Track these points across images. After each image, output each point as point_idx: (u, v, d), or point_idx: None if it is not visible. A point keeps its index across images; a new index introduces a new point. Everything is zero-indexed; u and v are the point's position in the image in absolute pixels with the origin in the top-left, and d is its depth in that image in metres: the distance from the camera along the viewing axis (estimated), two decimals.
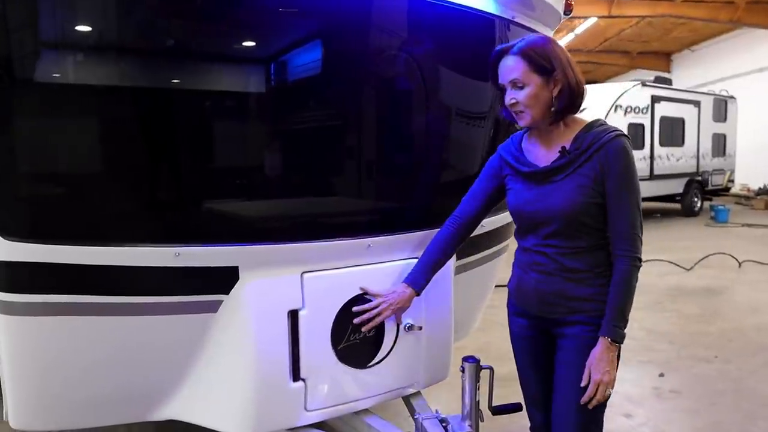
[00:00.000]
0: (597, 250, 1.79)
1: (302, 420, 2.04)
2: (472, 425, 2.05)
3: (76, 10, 1.70)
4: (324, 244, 2.00)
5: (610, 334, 1.73)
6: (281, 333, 1.95)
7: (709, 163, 14.22)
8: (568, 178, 1.76)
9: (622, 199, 1.73)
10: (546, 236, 1.80)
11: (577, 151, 1.75)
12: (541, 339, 1.94)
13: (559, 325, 1.85)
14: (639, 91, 12.21)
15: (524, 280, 1.88)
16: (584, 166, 1.74)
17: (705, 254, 8.18)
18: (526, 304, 1.91)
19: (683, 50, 22.42)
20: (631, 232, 1.73)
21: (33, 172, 1.77)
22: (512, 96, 1.76)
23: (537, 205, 1.79)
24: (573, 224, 1.76)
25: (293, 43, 1.99)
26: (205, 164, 1.89)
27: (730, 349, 4.66)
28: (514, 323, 2.00)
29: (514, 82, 1.75)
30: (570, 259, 1.78)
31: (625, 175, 1.73)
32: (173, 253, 1.80)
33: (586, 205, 1.73)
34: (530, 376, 2.00)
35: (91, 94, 1.75)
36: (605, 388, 1.73)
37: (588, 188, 1.73)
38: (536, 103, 1.74)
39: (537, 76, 1.73)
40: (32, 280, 1.79)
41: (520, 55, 1.73)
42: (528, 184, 1.83)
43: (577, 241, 1.77)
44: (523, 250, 1.89)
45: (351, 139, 2.10)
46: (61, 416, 2.03)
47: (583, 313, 1.79)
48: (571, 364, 1.81)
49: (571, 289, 1.79)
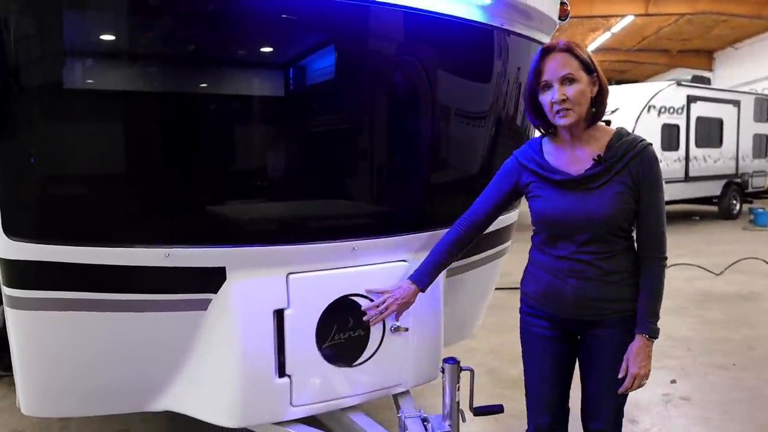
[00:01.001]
0: (628, 252, 1.88)
1: (288, 415, 2.13)
2: (452, 425, 2.10)
3: (73, 19, 1.81)
4: (309, 247, 2.09)
5: (647, 330, 1.84)
6: (267, 331, 2.05)
7: (749, 165, 13.75)
8: (605, 186, 1.81)
9: (654, 205, 1.84)
10: (583, 243, 1.84)
11: (612, 159, 1.80)
12: (564, 341, 1.99)
13: (594, 327, 1.91)
14: (674, 90, 11.90)
15: (558, 286, 1.89)
16: (621, 174, 1.80)
17: (739, 259, 7.95)
18: (558, 309, 1.93)
19: (726, 48, 21.74)
20: (660, 234, 1.85)
21: (39, 180, 1.90)
22: (563, 92, 1.77)
23: (574, 212, 1.82)
24: (611, 230, 1.83)
25: (282, 51, 2.08)
26: (192, 169, 2.00)
27: (750, 357, 4.55)
28: (535, 325, 2.00)
29: (566, 77, 1.77)
30: (608, 263, 1.84)
31: (658, 182, 1.84)
32: (164, 253, 1.92)
33: (625, 210, 1.81)
34: (545, 378, 2.01)
35: (85, 101, 1.87)
36: (641, 380, 1.86)
37: (625, 195, 1.80)
38: (584, 101, 1.79)
39: (584, 74, 1.78)
40: (39, 277, 1.93)
41: (570, 52, 1.78)
42: (560, 192, 1.85)
43: (613, 245, 1.85)
44: (556, 257, 1.89)
45: (336, 144, 2.17)
46: (67, 404, 2.17)
47: (618, 313, 1.88)
48: (611, 362, 1.89)
49: (610, 292, 1.86)
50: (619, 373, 1.87)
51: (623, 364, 1.86)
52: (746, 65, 20.20)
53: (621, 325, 1.88)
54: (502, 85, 2.51)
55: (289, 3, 1.96)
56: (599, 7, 15.93)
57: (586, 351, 1.97)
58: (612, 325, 1.88)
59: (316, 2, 1.97)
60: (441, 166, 2.44)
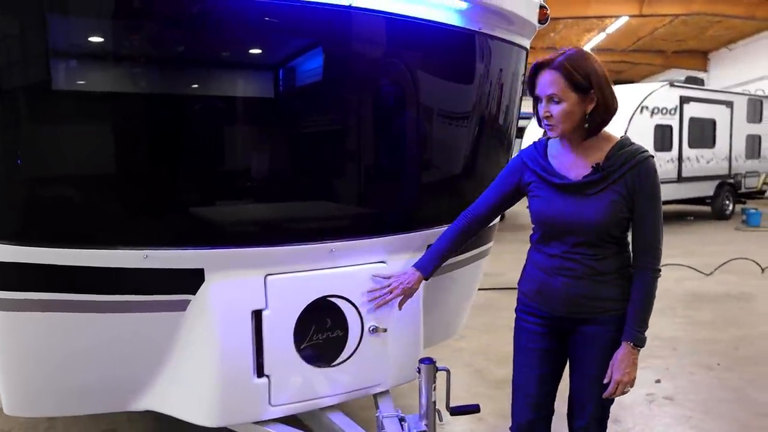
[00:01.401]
0: (619, 255, 1.92)
1: (267, 414, 2.16)
2: (428, 424, 2.12)
3: (55, 20, 1.83)
4: (287, 248, 2.11)
5: (633, 339, 1.87)
6: (245, 331, 2.07)
7: (742, 165, 13.81)
8: (601, 193, 1.85)
9: (649, 216, 1.86)
10: (575, 244, 1.89)
11: (610, 168, 1.84)
12: (554, 338, 2.03)
13: (582, 324, 1.95)
14: (667, 91, 11.94)
15: (550, 283, 1.95)
16: (618, 183, 1.84)
17: (729, 259, 7.99)
18: (550, 307, 1.97)
19: (721, 49, 21.83)
20: (654, 245, 1.87)
21: (17, 182, 1.91)
22: (547, 109, 1.83)
23: (570, 216, 1.87)
24: (601, 236, 1.87)
25: (263, 55, 2.12)
26: (170, 172, 2.02)
27: (735, 357, 4.58)
28: (526, 320, 2.05)
29: (551, 96, 1.81)
30: (598, 263, 1.89)
31: (654, 193, 1.86)
32: (142, 255, 1.94)
33: (617, 219, 1.85)
34: (532, 371, 2.04)
35: (65, 103, 1.89)
36: (624, 387, 1.89)
37: (619, 204, 1.84)
38: (569, 119, 1.82)
39: (574, 93, 1.79)
40: (18, 279, 1.95)
41: (561, 70, 1.79)
42: (558, 194, 1.90)
43: (604, 250, 1.89)
44: (548, 255, 1.95)
45: (314, 147, 2.19)
46: (48, 404, 2.20)
47: (607, 312, 1.91)
48: (596, 360, 1.93)
49: (600, 291, 1.90)
50: (603, 372, 1.91)
51: (608, 370, 1.89)
52: (740, 66, 20.29)
53: (610, 324, 1.91)
54: (481, 88, 2.54)
55: (272, 8, 1.98)
56: (594, 8, 15.99)
57: (574, 348, 2.01)
58: (601, 323, 1.92)
59: (298, 8, 2.00)
60: (419, 168, 2.47)
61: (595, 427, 2.01)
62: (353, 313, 2.25)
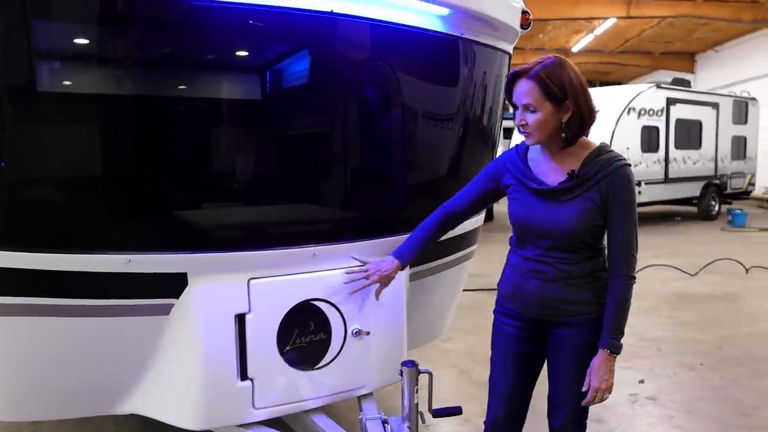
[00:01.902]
0: (592, 259, 1.93)
1: (251, 417, 2.17)
2: (411, 426, 2.14)
3: (38, 22, 1.83)
4: (270, 253, 2.13)
5: (609, 346, 1.88)
6: (228, 335, 2.08)
7: (728, 166, 13.97)
8: (575, 200, 1.87)
9: (623, 224, 1.87)
10: (548, 248, 1.91)
11: (585, 176, 1.86)
12: (530, 341, 2.05)
13: (556, 327, 1.97)
14: (654, 93, 12.07)
15: (523, 286, 1.97)
16: (591, 191, 1.86)
17: (714, 260, 8.08)
18: (523, 309, 2.00)
19: (707, 50, 22.04)
20: (629, 253, 1.88)
21: (1, 186, 1.90)
22: (522, 118, 1.85)
23: (544, 221, 1.89)
24: (574, 242, 1.89)
25: (248, 60, 2.14)
26: (153, 176, 2.03)
27: (718, 357, 4.64)
28: (504, 322, 2.07)
29: (526, 106, 1.84)
30: (571, 267, 1.91)
31: (628, 201, 1.87)
32: (125, 260, 1.95)
33: (590, 226, 1.87)
34: (507, 373, 2.08)
35: (47, 107, 1.89)
36: (603, 394, 1.90)
37: (593, 211, 1.86)
38: (544, 129, 1.84)
39: (549, 103, 1.81)
40: (0, 283, 1.95)
41: (536, 80, 1.81)
42: (535, 199, 1.93)
43: (577, 254, 1.91)
44: (523, 258, 1.98)
45: (297, 151, 2.21)
46: (33, 408, 2.20)
47: (581, 315, 1.93)
48: (571, 363, 1.96)
49: (571, 294, 1.92)
50: (579, 374, 1.93)
51: (586, 378, 1.91)
52: (727, 68, 20.50)
53: (583, 327, 1.93)
54: (464, 92, 2.57)
55: (254, 13, 1.99)
56: (582, 9, 16.09)
57: (550, 350, 2.04)
58: (573, 326, 1.94)
59: (283, 14, 2.01)
60: (403, 171, 2.49)
61: (572, 427, 2.03)
62: (336, 317, 2.27)
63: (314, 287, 2.19)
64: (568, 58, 1.90)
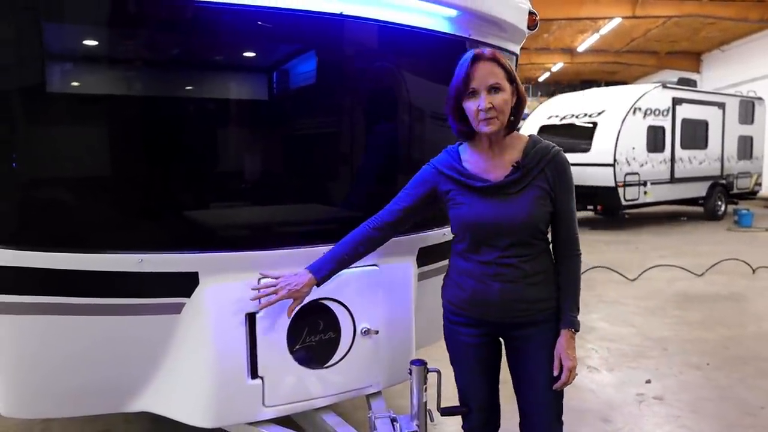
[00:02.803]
0: (547, 253, 1.99)
1: (261, 415, 2.19)
2: (419, 424, 2.16)
3: (51, 25, 1.85)
4: (280, 252, 2.15)
5: (572, 324, 1.96)
6: (239, 334, 2.11)
7: (734, 166, 13.92)
8: (524, 191, 1.88)
9: (569, 206, 1.96)
10: (506, 247, 1.90)
11: (529, 165, 1.89)
12: (492, 345, 2.09)
13: (521, 328, 1.98)
14: (659, 93, 12.03)
15: (483, 291, 1.94)
16: (538, 179, 1.90)
17: (720, 260, 8.07)
18: (485, 313, 1.98)
19: (713, 50, 21.97)
20: (576, 233, 1.99)
21: (14, 187, 1.95)
22: (489, 100, 1.81)
23: (496, 218, 1.88)
24: (532, 232, 1.91)
25: (257, 61, 2.16)
26: (165, 176, 2.05)
27: (724, 356, 4.64)
28: (462, 333, 2.05)
29: (493, 86, 1.82)
30: (530, 264, 1.92)
31: (571, 185, 1.96)
32: (137, 259, 1.97)
33: (543, 213, 1.91)
34: (478, 382, 2.10)
35: (60, 107, 1.92)
36: (575, 372, 1.96)
37: (543, 198, 1.90)
38: (507, 110, 1.86)
39: (509, 84, 1.85)
40: (15, 282, 1.98)
41: (497, 62, 1.84)
42: (481, 199, 1.90)
43: (533, 248, 1.93)
44: (480, 263, 1.94)
45: (307, 151, 2.23)
46: (44, 406, 2.22)
47: (542, 312, 1.97)
48: (544, 358, 1.98)
49: (533, 293, 1.94)
50: (550, 366, 1.95)
51: (556, 362, 1.94)
52: (733, 67, 20.42)
53: (545, 323, 1.97)
54: None
55: (265, 15, 2.01)
56: (587, 9, 16.07)
57: (515, 355, 2.04)
58: (538, 324, 1.97)
59: (292, 15, 2.03)
60: (409, 172, 2.50)
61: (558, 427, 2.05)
62: (345, 316, 2.29)
63: (324, 286, 2.20)
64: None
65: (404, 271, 2.46)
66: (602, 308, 6.08)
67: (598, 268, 7.59)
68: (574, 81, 29.29)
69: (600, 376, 4.25)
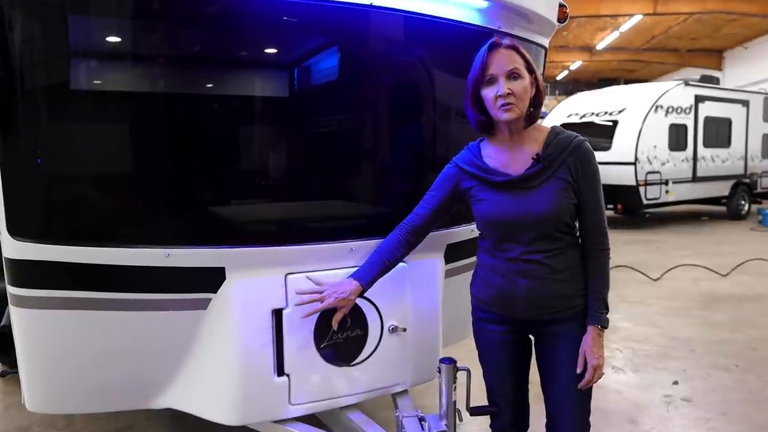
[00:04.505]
0: (574, 248, 1.92)
1: (287, 413, 2.16)
2: (448, 424, 2.12)
3: (77, 22, 1.84)
4: (307, 248, 2.12)
5: (599, 321, 1.89)
6: (265, 330, 2.08)
7: (758, 165, 13.64)
8: (547, 183, 1.84)
9: (595, 197, 1.88)
10: (530, 242, 1.86)
11: (551, 157, 1.84)
12: (521, 342, 2.05)
13: (548, 325, 1.94)
14: (682, 90, 11.84)
15: (510, 287, 1.91)
16: (560, 170, 1.84)
17: (746, 260, 7.91)
18: (512, 311, 1.95)
19: (736, 47, 21.60)
20: (603, 226, 1.91)
21: (43, 182, 1.94)
22: (508, 86, 1.78)
23: (519, 212, 1.84)
24: (556, 226, 1.85)
25: (283, 54, 2.13)
26: (192, 171, 2.03)
27: (753, 358, 4.54)
28: (490, 330, 2.03)
29: (512, 72, 1.79)
30: (556, 260, 1.87)
31: (596, 175, 1.89)
32: (164, 254, 1.95)
33: (567, 206, 1.85)
34: (506, 380, 2.07)
35: (87, 103, 1.91)
36: (600, 371, 1.89)
37: (567, 190, 1.84)
38: (526, 98, 1.82)
39: (527, 72, 1.82)
40: (42, 277, 1.97)
41: (515, 50, 1.82)
42: (502, 193, 1.87)
43: (559, 242, 1.88)
44: (506, 259, 1.91)
45: (335, 146, 2.20)
46: (69, 401, 2.21)
47: (570, 310, 1.92)
48: (566, 358, 1.93)
49: (561, 290, 1.89)
50: (579, 372, 1.89)
51: (580, 359, 1.89)
52: (756, 64, 20.06)
53: (573, 321, 1.92)
54: None
55: (293, 7, 1.98)
56: (607, 6, 15.88)
57: (543, 354, 2.00)
58: (566, 321, 1.92)
59: (317, 6, 2.00)
60: (437, 167, 2.45)
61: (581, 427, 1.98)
62: (373, 313, 2.25)
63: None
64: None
65: (432, 268, 2.42)
66: (625, 308, 5.97)
67: (621, 268, 7.47)
68: (593, 79, 29.01)
69: (626, 376, 4.17)
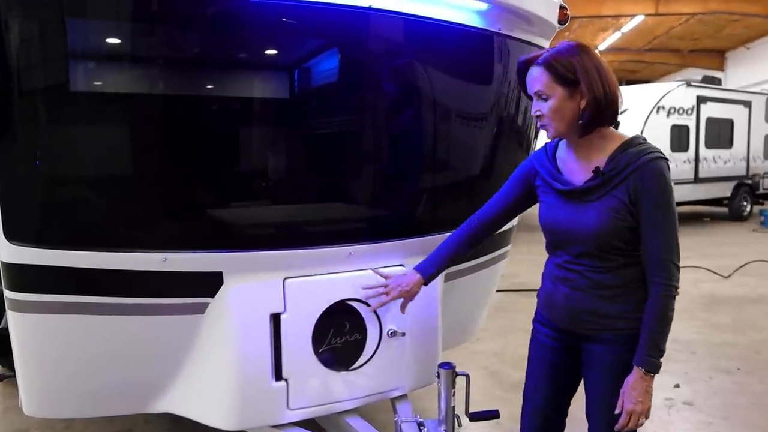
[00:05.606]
0: (629, 267, 1.75)
1: (285, 418, 2.15)
2: (447, 429, 2.10)
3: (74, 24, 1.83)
4: (305, 252, 2.11)
5: (644, 364, 1.68)
6: (263, 335, 2.07)
7: (760, 166, 13.60)
8: (601, 200, 1.71)
9: (656, 225, 1.67)
10: (578, 255, 1.77)
11: (611, 173, 1.69)
12: (564, 353, 1.92)
13: (588, 341, 1.83)
14: (683, 91, 11.81)
15: (554, 294, 1.86)
16: (618, 188, 1.69)
17: (748, 261, 7.88)
18: (555, 318, 1.89)
19: (738, 48, 21.54)
20: (665, 258, 1.68)
21: (40, 186, 1.93)
22: (537, 107, 1.73)
23: (570, 224, 1.76)
24: (604, 246, 1.72)
25: (282, 56, 2.12)
26: (189, 175, 2.02)
27: (756, 361, 4.51)
28: (539, 331, 1.97)
29: (538, 93, 1.72)
30: (602, 276, 1.75)
31: (660, 199, 1.67)
32: (161, 258, 1.94)
33: (618, 228, 1.69)
34: (542, 387, 1.97)
35: (85, 106, 1.90)
36: (638, 418, 1.70)
37: (620, 211, 1.68)
38: (560, 117, 1.70)
39: (561, 87, 1.68)
40: (39, 281, 1.96)
41: (544, 66, 1.69)
42: (561, 201, 1.80)
43: (609, 262, 1.74)
44: (555, 265, 1.86)
45: (333, 150, 2.19)
46: (67, 405, 2.21)
47: (613, 330, 1.76)
48: (602, 383, 1.81)
49: (602, 307, 1.76)
50: (610, 396, 1.75)
51: (619, 399, 1.72)
52: (759, 65, 19.98)
53: (616, 344, 1.76)
54: (500, 90, 2.52)
55: (290, 9, 1.97)
56: (609, 7, 15.84)
57: (583, 367, 1.90)
58: (605, 342, 1.78)
59: (317, 8, 1.99)
60: (437, 171, 2.45)
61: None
62: (372, 317, 2.23)
63: (350, 287, 2.16)
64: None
65: None
66: None
67: None
68: None
69: None
